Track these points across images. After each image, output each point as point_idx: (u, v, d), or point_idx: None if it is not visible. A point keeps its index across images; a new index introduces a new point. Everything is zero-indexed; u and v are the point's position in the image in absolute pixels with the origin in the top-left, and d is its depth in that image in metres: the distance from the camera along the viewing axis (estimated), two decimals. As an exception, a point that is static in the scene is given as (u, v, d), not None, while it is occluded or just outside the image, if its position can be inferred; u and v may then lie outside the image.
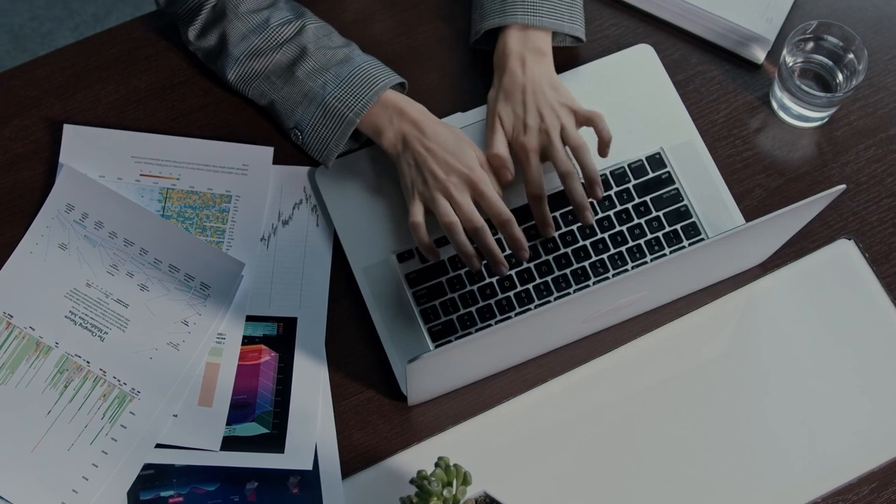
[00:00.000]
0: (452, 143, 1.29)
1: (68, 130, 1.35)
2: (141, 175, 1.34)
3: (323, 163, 1.34)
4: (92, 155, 1.34)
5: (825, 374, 1.30)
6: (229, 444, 1.25)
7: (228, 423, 1.26)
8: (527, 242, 1.27)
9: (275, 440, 1.25)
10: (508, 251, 1.32)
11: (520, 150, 1.31)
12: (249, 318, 1.30)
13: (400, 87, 1.36)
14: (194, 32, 1.35)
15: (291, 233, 1.33)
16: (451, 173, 1.27)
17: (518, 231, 1.27)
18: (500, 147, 1.31)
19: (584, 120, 1.32)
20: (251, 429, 1.26)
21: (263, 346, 1.29)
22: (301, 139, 1.33)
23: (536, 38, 1.34)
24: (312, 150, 1.34)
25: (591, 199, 1.31)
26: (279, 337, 1.29)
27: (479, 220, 1.26)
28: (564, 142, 1.30)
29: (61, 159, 1.34)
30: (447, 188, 1.26)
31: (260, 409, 1.26)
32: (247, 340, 1.29)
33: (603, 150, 1.31)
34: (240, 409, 1.26)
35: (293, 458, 1.25)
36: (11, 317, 1.28)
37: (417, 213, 1.28)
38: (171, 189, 1.34)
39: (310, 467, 1.24)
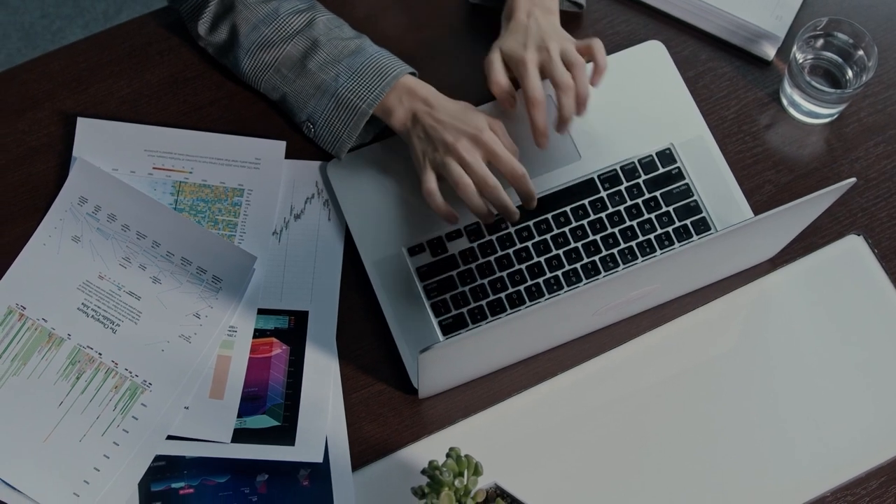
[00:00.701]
0: (460, 110, 1.30)
1: (82, 124, 1.36)
2: (154, 168, 1.35)
3: (335, 155, 1.34)
4: (105, 148, 1.35)
5: (834, 370, 1.30)
6: (240, 436, 1.25)
7: (239, 415, 1.26)
8: (536, 193, 1.30)
9: (285, 433, 1.25)
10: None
11: (519, 65, 1.31)
12: (261, 312, 1.30)
13: (410, 78, 1.37)
14: (204, 27, 1.36)
15: (303, 227, 1.34)
16: (461, 137, 1.28)
17: (531, 185, 1.29)
18: (500, 76, 1.32)
19: (583, 48, 1.33)
20: (262, 421, 1.26)
21: (275, 339, 1.29)
22: (313, 132, 1.34)
23: None
24: (325, 143, 1.34)
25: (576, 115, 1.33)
26: (290, 330, 1.30)
27: (493, 179, 1.27)
28: (563, 61, 1.31)
29: (75, 152, 1.35)
30: (458, 151, 1.27)
31: (271, 402, 1.27)
32: (258, 333, 1.29)
33: (596, 77, 1.32)
34: (251, 402, 1.27)
35: (304, 450, 1.25)
36: (24, 308, 1.29)
37: (430, 181, 1.28)
38: (183, 182, 1.34)
39: (320, 460, 1.25)
